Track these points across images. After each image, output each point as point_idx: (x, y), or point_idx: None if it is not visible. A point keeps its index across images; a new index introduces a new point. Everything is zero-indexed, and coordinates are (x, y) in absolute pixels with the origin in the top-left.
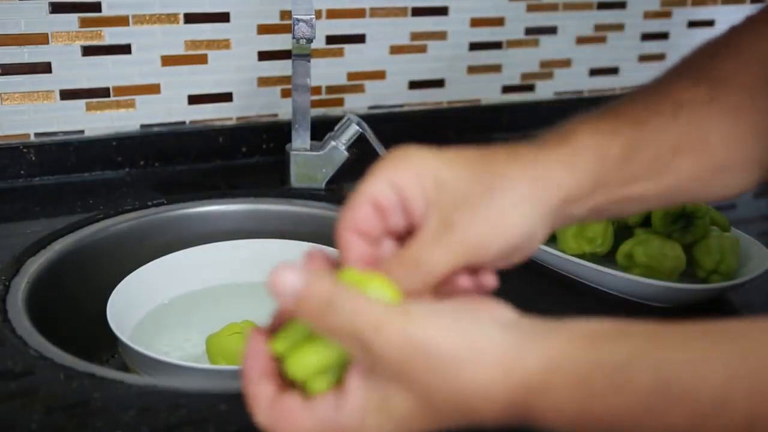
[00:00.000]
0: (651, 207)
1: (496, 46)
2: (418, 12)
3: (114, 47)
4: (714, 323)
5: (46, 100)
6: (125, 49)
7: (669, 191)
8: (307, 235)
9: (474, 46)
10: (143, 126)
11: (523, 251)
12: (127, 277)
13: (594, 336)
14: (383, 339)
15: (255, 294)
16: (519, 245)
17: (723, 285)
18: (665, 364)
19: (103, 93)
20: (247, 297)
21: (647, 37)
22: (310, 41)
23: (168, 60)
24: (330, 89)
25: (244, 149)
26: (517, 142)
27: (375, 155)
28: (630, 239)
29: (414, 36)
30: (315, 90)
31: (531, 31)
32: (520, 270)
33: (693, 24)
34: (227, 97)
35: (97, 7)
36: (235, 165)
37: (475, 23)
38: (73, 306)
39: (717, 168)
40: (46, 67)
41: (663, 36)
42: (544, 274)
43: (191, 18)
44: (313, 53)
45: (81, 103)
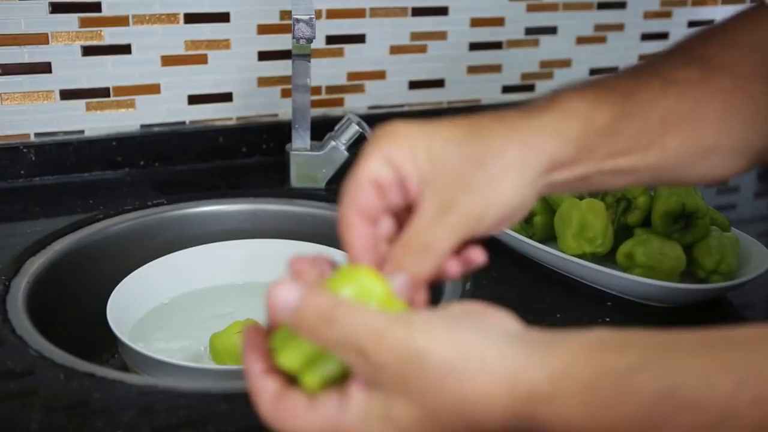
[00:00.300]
0: (637, 182)
1: (496, 46)
2: (418, 12)
3: (114, 47)
4: (719, 331)
5: (46, 100)
6: (125, 49)
7: (657, 167)
8: (307, 235)
9: (474, 46)
10: (143, 126)
11: (515, 217)
12: (127, 277)
13: (599, 345)
14: (383, 349)
15: (255, 294)
16: (512, 212)
17: (723, 285)
18: (672, 372)
19: (103, 93)
20: (247, 297)
21: (647, 37)
22: (310, 41)
23: (168, 60)
24: (330, 89)
25: (244, 149)
26: (506, 109)
27: None
28: (630, 239)
29: (414, 36)
30: (315, 90)
31: (531, 31)
32: (520, 271)
33: (693, 24)
34: (227, 97)
35: (97, 7)
36: (235, 165)
37: (475, 23)
38: (73, 306)
39: (706, 147)
40: (46, 67)
41: (663, 36)
42: (544, 274)
43: (191, 18)
44: (313, 53)
45: (81, 103)
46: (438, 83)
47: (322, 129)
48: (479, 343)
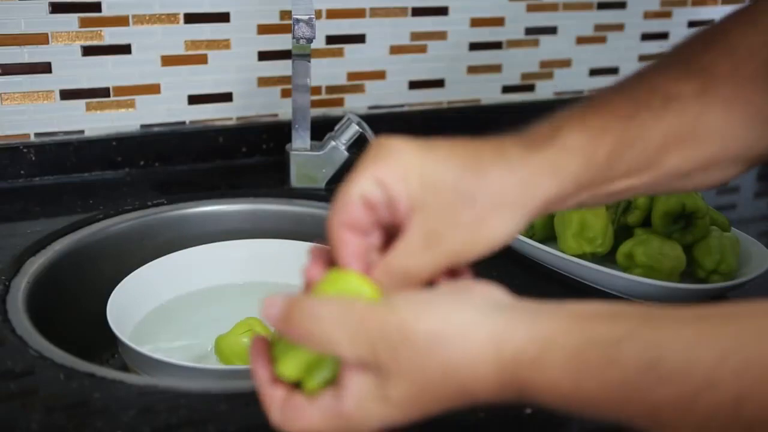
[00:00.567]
0: (633, 197)
1: (496, 46)
2: (418, 12)
3: (114, 47)
4: (707, 307)
5: (46, 100)
6: (125, 49)
7: (654, 184)
8: (307, 235)
9: (474, 46)
10: (143, 126)
11: (499, 248)
12: (127, 277)
13: (588, 315)
14: (370, 332)
15: (255, 294)
16: (498, 246)
17: (723, 285)
18: (657, 342)
19: (103, 93)
20: (247, 297)
21: (647, 37)
22: (310, 41)
23: (168, 60)
24: (330, 89)
25: (244, 149)
26: (506, 136)
27: None
28: (630, 239)
29: (414, 36)
30: (315, 90)
31: (531, 31)
32: (520, 271)
33: (693, 24)
34: (227, 97)
35: (97, 7)
36: (235, 165)
37: (475, 23)
38: (73, 306)
39: (704, 162)
40: (46, 67)
41: (663, 36)
42: (544, 274)
43: (191, 18)
44: (313, 53)
45: (81, 103)
46: (438, 83)
47: (322, 129)
48: (461, 312)
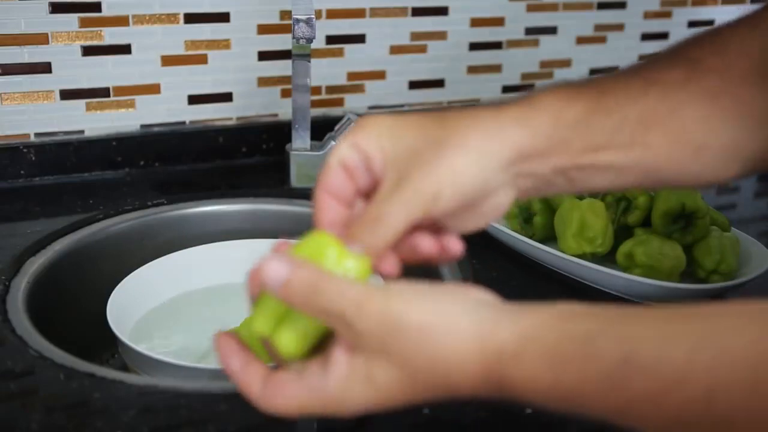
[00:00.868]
0: (626, 182)
1: (496, 46)
2: (418, 12)
3: (114, 47)
4: (681, 306)
5: (46, 100)
6: (125, 49)
7: (643, 167)
8: None
9: (474, 46)
10: (143, 126)
11: (484, 206)
12: (127, 277)
13: (565, 313)
14: (364, 316)
15: None
16: (473, 196)
17: (723, 285)
18: (631, 337)
19: (103, 93)
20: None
21: (647, 37)
22: (310, 41)
23: (168, 60)
24: (330, 89)
25: (244, 149)
26: (481, 104)
27: None
28: (630, 239)
29: (414, 36)
30: (315, 90)
31: (531, 31)
32: (520, 271)
33: (693, 24)
34: (227, 97)
35: (97, 7)
36: (235, 165)
37: (475, 23)
38: (73, 306)
39: (693, 147)
40: (46, 67)
41: (663, 36)
42: (544, 274)
43: (191, 18)
44: (313, 53)
45: (81, 103)
46: (438, 83)
47: (322, 129)
48: (452, 308)
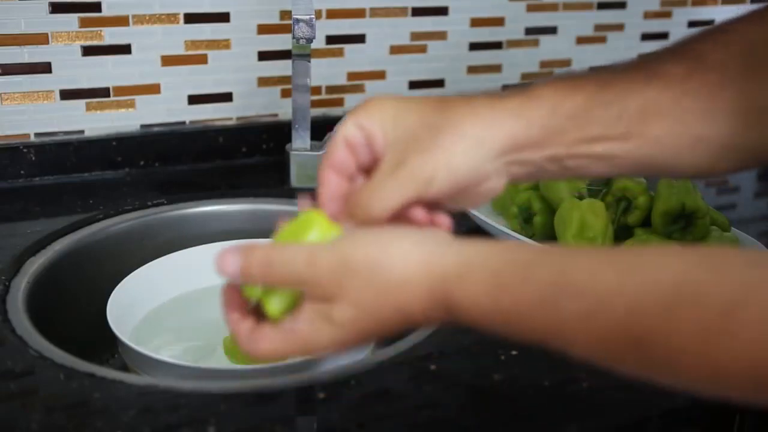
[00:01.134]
0: (621, 170)
1: (496, 46)
2: (418, 12)
3: (114, 47)
4: (616, 247)
5: (46, 100)
6: (125, 49)
7: (639, 157)
8: None
9: (474, 46)
10: (143, 126)
11: (476, 190)
12: (127, 277)
13: (509, 245)
14: (317, 269)
15: None
16: (466, 182)
17: None
18: (565, 264)
19: (103, 93)
20: None
21: (647, 37)
22: (310, 41)
23: (168, 60)
24: (330, 89)
25: (244, 149)
26: (482, 92)
27: None
28: (630, 239)
29: (414, 36)
30: (315, 90)
31: (531, 31)
32: None
33: (693, 24)
34: (227, 97)
35: (97, 7)
36: (235, 165)
37: (475, 23)
38: (73, 306)
39: (692, 139)
40: (46, 67)
41: (663, 36)
42: None
43: (191, 18)
44: (313, 53)
45: (81, 103)
46: (438, 83)
47: (322, 129)
48: (400, 242)
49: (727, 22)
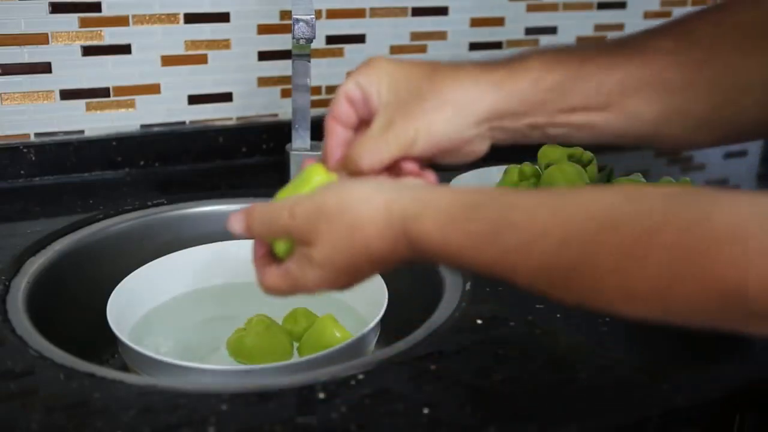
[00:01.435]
0: (604, 140)
1: (496, 46)
2: (418, 12)
3: (114, 47)
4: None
5: (46, 100)
6: (125, 49)
7: (619, 127)
8: None
9: (474, 46)
10: (143, 126)
11: (462, 151)
12: (127, 277)
13: (461, 189)
14: (297, 217)
15: (255, 294)
16: (447, 145)
17: None
18: (509, 203)
19: (103, 93)
20: (247, 297)
21: None
22: (310, 41)
23: (168, 60)
24: (330, 89)
25: (244, 149)
26: (471, 61)
27: None
28: None
29: (414, 36)
30: (315, 90)
31: (531, 31)
32: None
33: None
34: (227, 97)
35: (97, 7)
36: (235, 165)
37: (475, 23)
38: (73, 306)
39: (674, 112)
40: (46, 67)
41: None
42: None
43: (191, 18)
44: (313, 53)
45: (81, 103)
46: None
47: (322, 129)
48: (366, 187)
49: (722, 2)
